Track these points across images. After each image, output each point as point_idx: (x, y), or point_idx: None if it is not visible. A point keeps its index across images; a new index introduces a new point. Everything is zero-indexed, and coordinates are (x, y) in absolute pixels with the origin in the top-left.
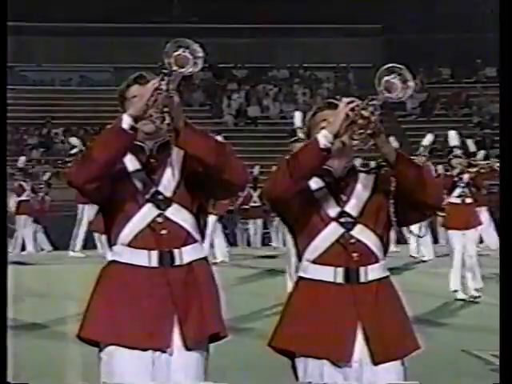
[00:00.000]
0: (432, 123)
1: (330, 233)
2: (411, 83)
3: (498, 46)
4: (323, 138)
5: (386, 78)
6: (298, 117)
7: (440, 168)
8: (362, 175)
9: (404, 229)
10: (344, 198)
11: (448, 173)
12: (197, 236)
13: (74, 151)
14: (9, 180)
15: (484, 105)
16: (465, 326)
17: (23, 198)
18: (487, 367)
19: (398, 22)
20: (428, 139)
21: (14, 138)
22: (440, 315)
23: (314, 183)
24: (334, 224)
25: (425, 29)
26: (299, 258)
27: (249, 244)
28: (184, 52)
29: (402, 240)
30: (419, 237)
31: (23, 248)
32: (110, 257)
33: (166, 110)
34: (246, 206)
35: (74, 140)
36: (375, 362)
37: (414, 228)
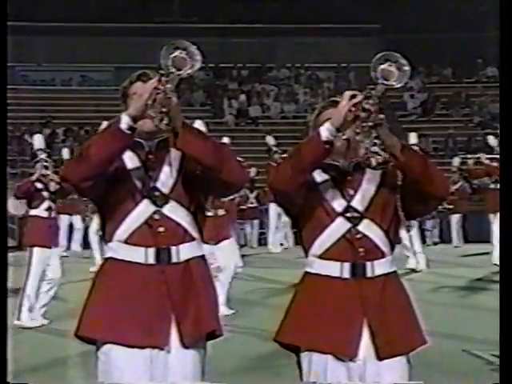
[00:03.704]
0: (433, 123)
1: (337, 228)
2: (407, 68)
3: (498, 46)
4: (325, 130)
5: (382, 66)
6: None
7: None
8: (368, 170)
9: None
10: (351, 192)
11: None
12: (194, 234)
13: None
14: (10, 180)
15: (485, 105)
16: None
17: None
18: (487, 367)
19: (398, 22)
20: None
21: (14, 137)
22: None
23: (320, 178)
24: (340, 219)
25: (425, 29)
26: (305, 253)
27: (245, 244)
28: (181, 54)
29: None
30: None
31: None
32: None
33: (164, 110)
34: (243, 207)
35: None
36: (380, 358)
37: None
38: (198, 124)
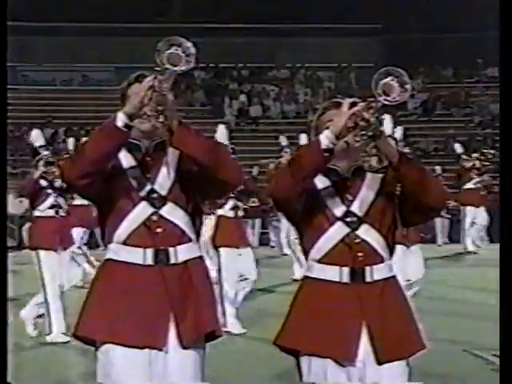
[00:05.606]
0: (433, 123)
1: (336, 232)
2: (409, 86)
3: (498, 46)
4: (325, 138)
5: (384, 80)
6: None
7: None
8: (369, 175)
9: None
10: (350, 197)
11: None
12: (192, 235)
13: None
14: (10, 180)
15: (485, 105)
16: None
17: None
18: (488, 367)
19: (398, 22)
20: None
21: (14, 137)
22: None
23: (321, 182)
24: (339, 223)
25: (425, 29)
26: (305, 257)
27: None
28: (176, 50)
29: None
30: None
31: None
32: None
33: (160, 108)
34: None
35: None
36: (379, 362)
37: None
38: (221, 130)
